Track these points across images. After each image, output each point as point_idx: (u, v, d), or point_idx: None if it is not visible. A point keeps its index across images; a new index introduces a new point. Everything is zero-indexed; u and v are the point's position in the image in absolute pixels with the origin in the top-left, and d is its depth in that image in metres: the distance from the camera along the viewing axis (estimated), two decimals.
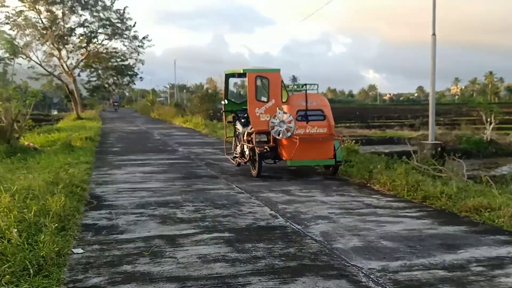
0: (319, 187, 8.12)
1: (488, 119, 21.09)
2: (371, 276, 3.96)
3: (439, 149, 10.57)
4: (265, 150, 9.19)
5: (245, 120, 9.87)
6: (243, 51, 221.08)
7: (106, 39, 38.19)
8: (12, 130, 12.11)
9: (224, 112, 10.96)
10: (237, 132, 10.41)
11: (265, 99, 9.14)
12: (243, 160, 9.78)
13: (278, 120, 8.82)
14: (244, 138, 9.61)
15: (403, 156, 9.88)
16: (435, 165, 8.89)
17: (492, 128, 20.76)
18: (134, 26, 38.12)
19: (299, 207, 6.57)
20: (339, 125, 24.19)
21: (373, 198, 7.25)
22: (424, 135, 19.86)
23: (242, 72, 9.62)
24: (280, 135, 8.86)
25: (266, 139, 9.15)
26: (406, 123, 32.13)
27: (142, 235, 5.19)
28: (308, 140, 8.84)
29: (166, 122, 31.14)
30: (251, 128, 9.20)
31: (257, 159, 9.08)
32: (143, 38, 39.18)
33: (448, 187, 7.07)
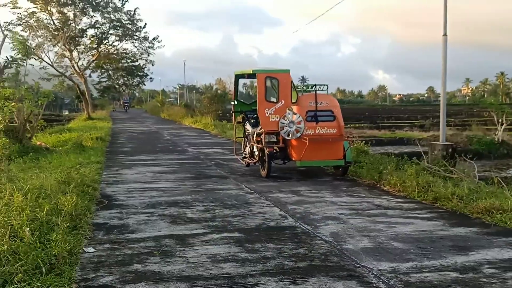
0: (328, 188, 8.10)
1: (499, 120, 20.83)
2: (382, 277, 3.94)
3: (450, 150, 10.43)
4: (274, 151, 9.17)
5: (254, 120, 9.89)
6: (252, 52, 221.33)
7: (116, 40, 38.65)
8: (25, 130, 12.25)
9: (233, 113, 10.99)
10: (246, 133, 10.42)
11: (274, 99, 9.14)
12: (253, 160, 9.79)
13: (287, 120, 8.82)
14: (254, 138, 9.62)
15: (413, 157, 9.83)
16: (446, 166, 8.81)
17: (504, 129, 20.49)
18: (144, 27, 38.55)
19: (308, 207, 6.56)
20: (348, 125, 24.08)
21: (383, 199, 7.21)
22: (434, 136, 19.68)
23: (251, 72, 9.63)
24: (290, 136, 8.86)
25: (276, 140, 9.14)
26: (416, 123, 31.80)
27: (152, 234, 5.23)
28: (318, 140, 8.82)
29: (175, 123, 31.28)
30: (261, 129, 9.20)
31: (266, 160, 9.08)
32: (153, 39, 39.55)
33: (460, 188, 7.01)
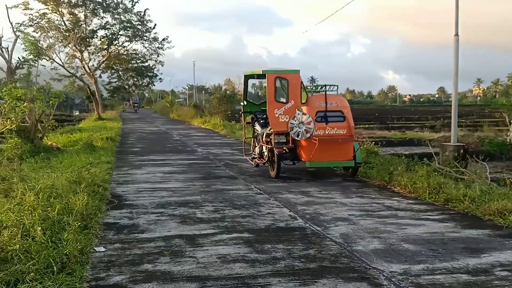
0: (338, 189, 8.07)
1: (511, 121, 20.62)
2: (393, 279, 3.91)
3: (462, 151, 10.31)
4: (284, 151, 9.16)
5: (264, 121, 9.88)
6: (262, 52, 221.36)
7: (126, 41, 38.80)
8: (36, 130, 12.36)
9: (243, 113, 10.99)
10: (255, 133, 10.42)
11: (284, 100, 9.12)
12: (262, 161, 9.78)
13: (297, 121, 8.79)
14: (263, 139, 9.61)
15: (424, 158, 9.74)
16: (458, 167, 8.72)
17: None
18: (154, 28, 38.59)
19: (318, 208, 6.54)
20: (358, 126, 23.93)
21: (393, 200, 7.16)
22: (445, 137, 19.53)
23: (261, 73, 9.63)
24: (299, 136, 8.83)
25: (285, 140, 9.11)
26: (426, 124, 31.55)
27: (162, 234, 5.24)
28: (328, 141, 8.78)
29: (185, 123, 31.38)
30: (270, 129, 9.19)
31: (275, 160, 9.07)
32: (163, 40, 39.64)
33: (471, 189, 6.93)
